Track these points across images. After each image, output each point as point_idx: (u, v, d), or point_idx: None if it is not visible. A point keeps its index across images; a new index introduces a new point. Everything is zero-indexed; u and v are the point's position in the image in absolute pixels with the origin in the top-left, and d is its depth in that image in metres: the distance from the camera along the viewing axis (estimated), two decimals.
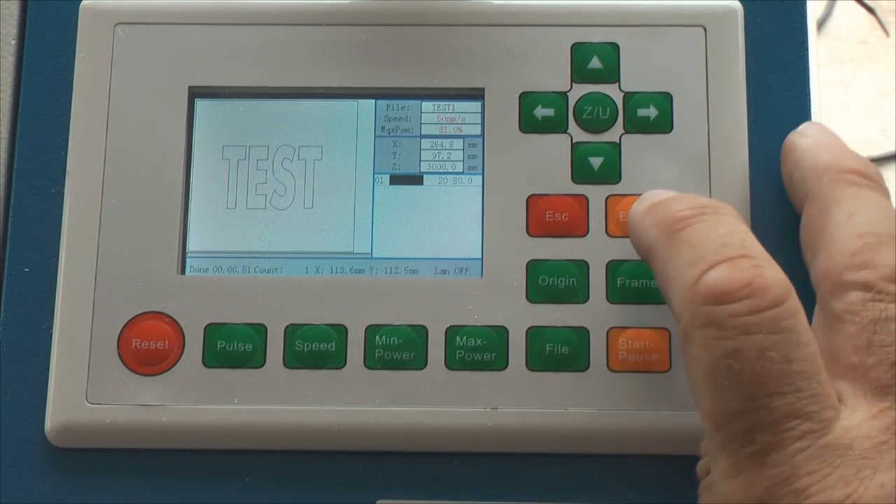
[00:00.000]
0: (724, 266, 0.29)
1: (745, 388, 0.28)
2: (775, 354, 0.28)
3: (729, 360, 0.28)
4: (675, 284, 0.30)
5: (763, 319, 0.28)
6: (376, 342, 0.36)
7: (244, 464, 0.36)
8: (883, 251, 0.30)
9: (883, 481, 0.27)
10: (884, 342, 0.29)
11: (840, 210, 0.32)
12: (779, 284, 0.29)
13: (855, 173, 0.33)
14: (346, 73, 0.38)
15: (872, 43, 1.24)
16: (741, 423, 0.28)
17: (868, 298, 0.30)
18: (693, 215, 0.31)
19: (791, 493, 0.27)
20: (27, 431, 0.37)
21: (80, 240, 0.37)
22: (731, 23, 0.38)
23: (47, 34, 0.39)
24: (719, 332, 0.28)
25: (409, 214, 0.37)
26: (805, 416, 0.27)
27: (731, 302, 0.28)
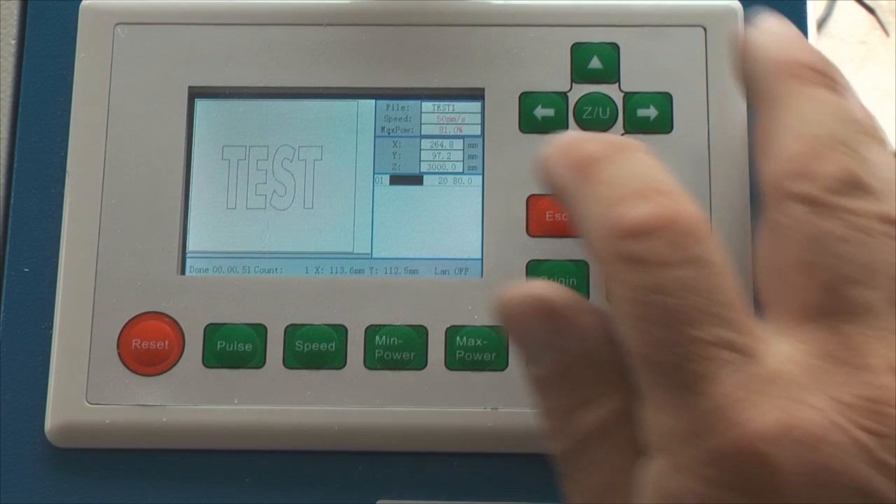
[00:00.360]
0: (639, 202, 0.28)
1: (670, 321, 0.27)
2: (697, 285, 0.27)
3: (653, 293, 0.27)
4: (591, 224, 0.29)
5: (682, 253, 0.27)
6: (376, 342, 0.36)
7: (244, 464, 0.36)
8: (827, 157, 0.29)
9: (817, 405, 0.26)
10: (821, 263, 0.28)
11: (785, 110, 0.30)
12: (694, 218, 0.28)
13: (808, 69, 0.31)
14: (346, 73, 0.38)
15: (872, 43, 1.24)
16: (669, 356, 0.27)
17: (807, 211, 0.28)
18: (605, 156, 0.30)
19: (724, 420, 0.26)
20: (27, 431, 0.37)
21: (80, 240, 0.37)
22: (731, 23, 0.38)
23: (47, 34, 0.39)
24: (640, 266, 0.28)
25: (409, 214, 0.37)
26: (732, 346, 0.27)
27: (645, 235, 0.28)
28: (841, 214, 0.28)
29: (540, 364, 0.30)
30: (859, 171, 0.29)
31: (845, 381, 0.27)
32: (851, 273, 0.28)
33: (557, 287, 0.30)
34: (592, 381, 0.30)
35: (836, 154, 0.29)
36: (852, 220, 0.28)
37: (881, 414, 0.26)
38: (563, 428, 0.30)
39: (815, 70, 0.31)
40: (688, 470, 0.27)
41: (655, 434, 0.28)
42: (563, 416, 0.30)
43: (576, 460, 0.30)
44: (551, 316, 0.30)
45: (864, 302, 0.28)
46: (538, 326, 0.30)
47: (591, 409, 0.30)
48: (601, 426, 0.30)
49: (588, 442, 0.30)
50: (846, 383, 0.27)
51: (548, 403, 0.30)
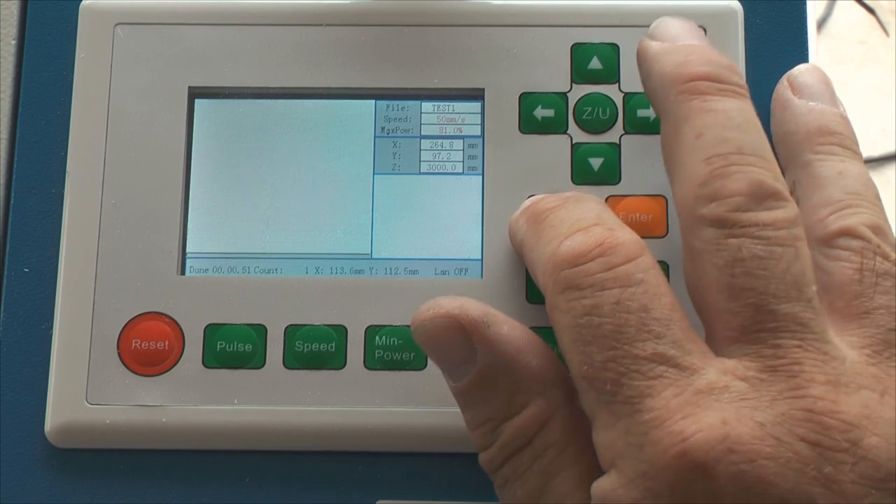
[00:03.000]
0: (577, 234, 0.30)
1: (607, 340, 0.28)
2: (632, 304, 0.28)
3: (588, 316, 0.28)
4: (538, 264, 0.31)
5: (617, 274, 0.28)
6: (376, 343, 0.36)
7: (244, 464, 0.36)
8: (732, 175, 0.29)
9: (762, 419, 0.27)
10: (743, 284, 0.28)
11: (688, 129, 0.31)
12: (630, 242, 0.29)
13: (702, 79, 0.31)
14: (346, 74, 0.38)
15: (872, 43, 1.24)
16: (609, 374, 0.28)
17: (722, 235, 0.29)
18: (557, 205, 0.32)
19: (668, 435, 0.27)
20: (27, 431, 0.37)
21: (80, 240, 0.37)
22: (731, 23, 0.38)
23: (47, 34, 0.39)
24: (577, 292, 0.29)
25: (408, 215, 0.37)
26: (669, 362, 0.28)
27: (584, 263, 0.29)
28: (753, 231, 0.29)
29: (457, 378, 0.31)
30: (766, 179, 0.29)
31: (784, 394, 0.27)
32: (773, 290, 0.28)
33: (465, 301, 0.31)
34: (509, 391, 0.30)
35: (741, 167, 0.29)
36: (766, 233, 0.28)
37: (821, 425, 0.27)
38: (487, 438, 0.31)
39: (708, 79, 0.31)
40: (632, 484, 0.27)
41: (602, 451, 0.28)
42: (486, 426, 0.31)
43: (502, 468, 0.31)
44: (462, 332, 0.31)
45: (792, 315, 0.28)
46: (451, 343, 0.31)
47: (511, 418, 0.30)
48: (522, 433, 0.30)
49: (511, 449, 0.30)
50: (785, 396, 0.27)
51: (470, 415, 0.31)
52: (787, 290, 0.28)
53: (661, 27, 0.34)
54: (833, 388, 0.27)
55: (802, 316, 0.28)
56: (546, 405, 0.30)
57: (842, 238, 0.31)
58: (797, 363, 0.27)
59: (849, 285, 0.30)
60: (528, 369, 0.30)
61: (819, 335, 0.28)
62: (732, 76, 0.32)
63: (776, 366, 0.28)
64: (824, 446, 0.26)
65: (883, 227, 0.31)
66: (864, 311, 0.30)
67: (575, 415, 0.30)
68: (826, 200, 0.32)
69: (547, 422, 0.30)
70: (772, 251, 0.28)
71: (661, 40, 0.33)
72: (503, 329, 0.31)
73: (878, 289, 0.30)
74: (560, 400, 0.30)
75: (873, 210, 0.32)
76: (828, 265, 0.31)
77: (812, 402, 0.27)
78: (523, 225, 0.33)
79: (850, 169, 0.33)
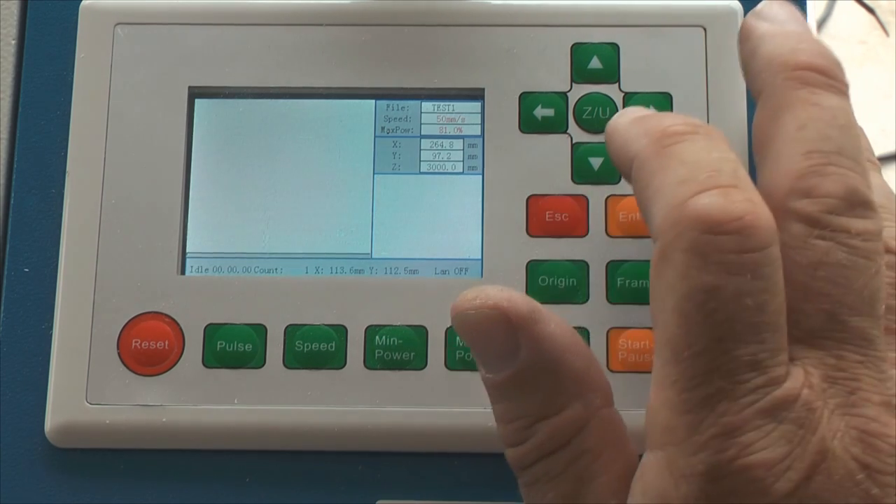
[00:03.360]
0: (716, 192, 0.27)
1: (715, 329, 0.27)
2: (751, 301, 0.27)
3: (705, 294, 0.27)
4: (661, 200, 0.28)
5: (747, 261, 0.27)
6: (376, 342, 0.36)
7: (244, 464, 0.36)
8: (830, 175, 0.28)
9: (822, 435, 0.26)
10: (822, 289, 0.28)
11: (791, 119, 0.29)
12: (768, 227, 0.27)
13: (813, 70, 0.30)
14: (346, 73, 0.38)
15: (872, 43, 1.24)
16: (701, 363, 0.27)
17: (810, 234, 0.28)
18: (687, 132, 0.29)
19: (735, 445, 0.26)
20: (27, 431, 0.37)
21: (80, 240, 0.37)
22: (731, 23, 0.38)
23: (47, 34, 0.39)
24: (702, 262, 0.27)
25: (408, 215, 0.37)
26: (762, 370, 0.27)
27: (719, 233, 0.27)
28: (842, 238, 0.28)
29: (495, 370, 0.30)
30: (862, 188, 0.28)
31: (841, 409, 0.27)
32: (850, 301, 0.28)
33: (513, 294, 0.30)
34: (550, 390, 0.29)
35: (840, 169, 0.28)
36: (853, 242, 0.28)
37: (873, 447, 0.26)
38: (520, 434, 0.30)
39: (819, 71, 0.30)
40: (681, 475, 0.27)
41: (658, 427, 0.28)
42: (519, 422, 0.30)
43: (533, 467, 0.30)
44: (508, 325, 0.29)
45: (861, 329, 0.28)
46: (495, 336, 0.29)
47: (548, 418, 0.29)
48: (560, 434, 0.29)
49: (546, 450, 0.29)
50: (842, 412, 0.27)
51: (503, 409, 0.30)
52: (862, 304, 0.28)
53: (771, 8, 0.32)
54: (886, 410, 0.27)
55: (870, 332, 0.28)
56: (584, 409, 0.29)
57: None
58: (856, 379, 0.27)
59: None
60: (571, 371, 0.29)
61: (881, 354, 0.28)
62: (840, 72, 0.31)
63: (836, 377, 0.27)
64: (874, 469, 0.26)
65: None
66: None
67: (612, 420, 0.30)
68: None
69: (584, 426, 0.29)
70: (856, 262, 0.28)
71: (770, 22, 0.32)
72: (550, 327, 0.29)
73: None
74: (598, 405, 0.30)
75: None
76: None
77: (865, 422, 0.27)
78: (640, 139, 0.30)
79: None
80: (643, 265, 0.35)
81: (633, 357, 0.36)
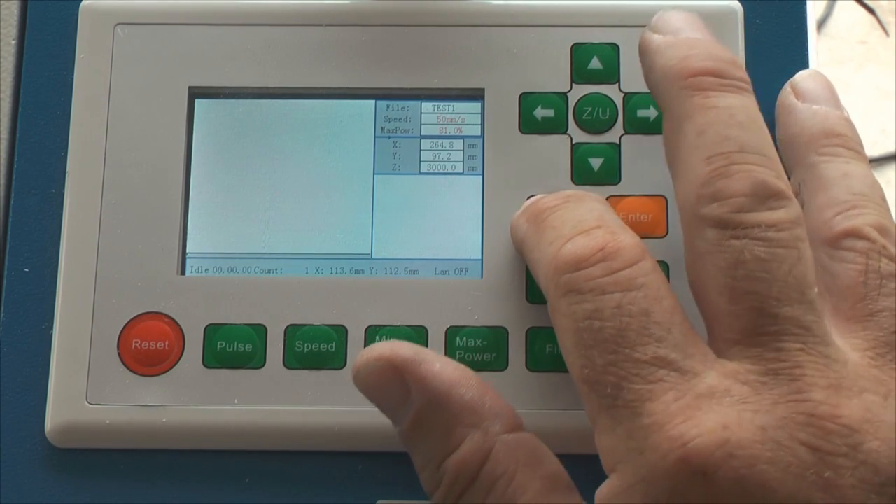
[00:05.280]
0: (579, 237, 0.30)
1: (608, 344, 0.28)
2: (633, 308, 0.28)
3: (590, 320, 0.28)
4: (540, 265, 0.31)
5: (618, 279, 0.28)
6: (377, 343, 0.36)
7: (244, 464, 0.36)
8: (734, 175, 0.29)
9: (763, 423, 0.27)
10: (745, 287, 0.28)
11: (690, 127, 0.30)
12: (631, 247, 0.29)
13: (706, 74, 0.31)
14: (346, 74, 0.38)
15: (872, 43, 1.24)
16: (609, 377, 0.28)
17: (725, 237, 0.29)
18: (558, 204, 0.32)
19: (668, 439, 0.27)
20: (27, 431, 0.37)
21: (80, 240, 0.37)
22: (731, 23, 0.38)
23: (47, 34, 0.39)
24: (578, 296, 0.29)
25: (408, 215, 0.37)
26: (670, 366, 0.27)
27: (586, 267, 0.29)
28: (756, 233, 0.28)
29: (399, 421, 0.31)
30: (769, 178, 0.29)
31: (786, 397, 0.27)
32: (775, 293, 0.28)
33: (397, 343, 0.31)
34: (445, 427, 0.30)
35: (744, 166, 0.29)
36: (768, 234, 0.28)
37: (822, 430, 0.27)
38: (433, 480, 0.30)
39: (712, 74, 0.31)
40: (633, 489, 0.27)
41: (604, 456, 0.28)
42: (430, 467, 0.31)
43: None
44: (396, 372, 0.31)
45: (794, 318, 0.28)
46: (388, 385, 0.31)
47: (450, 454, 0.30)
48: (465, 468, 0.30)
49: (459, 487, 0.30)
50: (786, 399, 0.27)
51: (415, 459, 0.31)
52: (790, 293, 0.28)
53: (663, 20, 0.33)
54: (835, 392, 0.27)
55: (804, 319, 0.28)
56: (484, 437, 0.30)
57: (847, 239, 0.31)
58: (799, 367, 0.27)
59: (853, 287, 0.30)
60: (462, 403, 0.30)
61: (821, 338, 0.28)
62: (735, 71, 0.31)
63: (778, 369, 0.27)
64: (824, 451, 0.26)
65: (888, 227, 0.31)
66: (868, 314, 0.30)
67: (519, 442, 0.30)
68: (831, 201, 0.32)
69: (488, 454, 0.30)
70: (774, 253, 0.28)
71: (663, 33, 0.33)
72: (435, 366, 0.31)
73: (883, 291, 0.30)
74: (499, 429, 0.30)
75: (879, 211, 0.32)
76: (833, 267, 0.31)
77: (813, 406, 0.27)
78: (524, 224, 0.33)
79: (854, 170, 0.33)
80: None
81: None
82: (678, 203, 0.30)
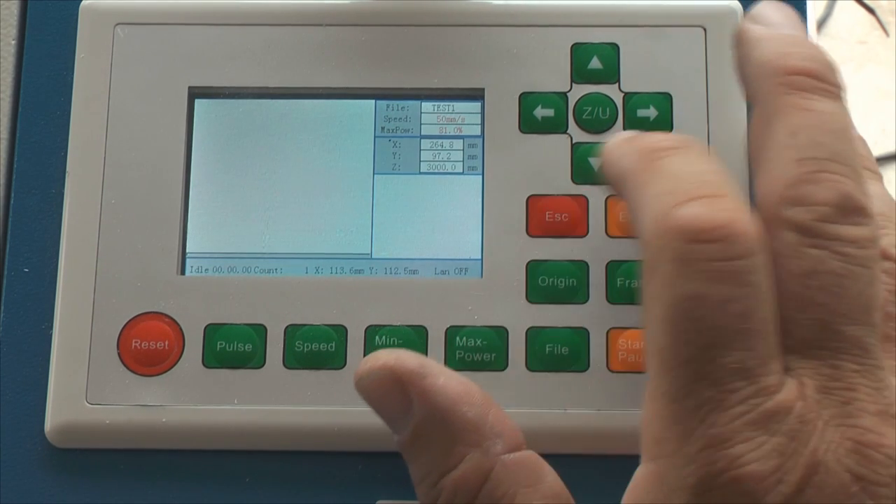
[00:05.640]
0: (700, 202, 0.27)
1: (700, 337, 0.26)
2: (736, 308, 0.27)
3: (690, 303, 0.27)
4: (647, 212, 0.28)
5: (732, 269, 0.27)
6: (376, 343, 0.36)
7: (244, 464, 0.36)
8: (822, 182, 0.28)
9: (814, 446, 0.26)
10: (815, 298, 0.27)
11: (782, 125, 0.29)
12: (753, 235, 0.27)
13: (805, 74, 0.30)
14: (346, 74, 0.38)
15: (872, 43, 1.24)
16: (689, 373, 0.27)
17: (803, 243, 0.28)
18: (675, 146, 0.29)
19: (724, 457, 0.26)
20: (27, 431, 0.37)
21: (80, 240, 0.37)
22: (731, 23, 0.38)
23: (47, 34, 0.39)
24: (686, 271, 0.27)
25: (408, 215, 0.37)
26: (751, 379, 0.27)
27: (702, 242, 0.27)
28: (835, 246, 0.28)
29: (399, 431, 0.31)
30: (856, 194, 0.28)
31: (836, 420, 0.27)
32: (844, 309, 0.27)
33: (402, 353, 0.31)
34: (446, 444, 0.30)
35: (833, 176, 0.28)
36: (847, 250, 0.28)
37: (867, 458, 0.26)
38: (430, 495, 0.30)
39: (811, 75, 0.30)
40: (672, 488, 0.27)
41: (649, 439, 0.28)
42: (427, 481, 0.30)
43: None
44: (399, 383, 0.30)
45: (857, 338, 0.27)
46: (390, 395, 0.30)
47: (449, 472, 0.30)
48: (463, 488, 0.29)
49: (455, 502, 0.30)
50: (837, 423, 0.27)
51: (413, 471, 0.31)
52: (857, 313, 0.27)
53: (764, 12, 0.32)
54: (882, 420, 0.27)
55: (866, 341, 0.27)
56: (484, 458, 0.29)
57: None
58: (851, 388, 0.27)
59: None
60: (464, 421, 0.30)
61: (877, 363, 0.27)
62: (833, 76, 0.30)
63: (831, 388, 0.27)
64: (868, 480, 0.26)
65: None
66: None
67: (520, 463, 0.30)
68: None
69: (488, 474, 0.29)
70: (850, 270, 0.27)
71: (763, 25, 0.31)
72: (439, 380, 0.30)
73: None
74: (500, 449, 0.30)
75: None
76: None
77: (861, 433, 0.26)
78: (630, 157, 0.30)
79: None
80: None
81: (632, 357, 0.36)
82: (757, 197, 0.29)
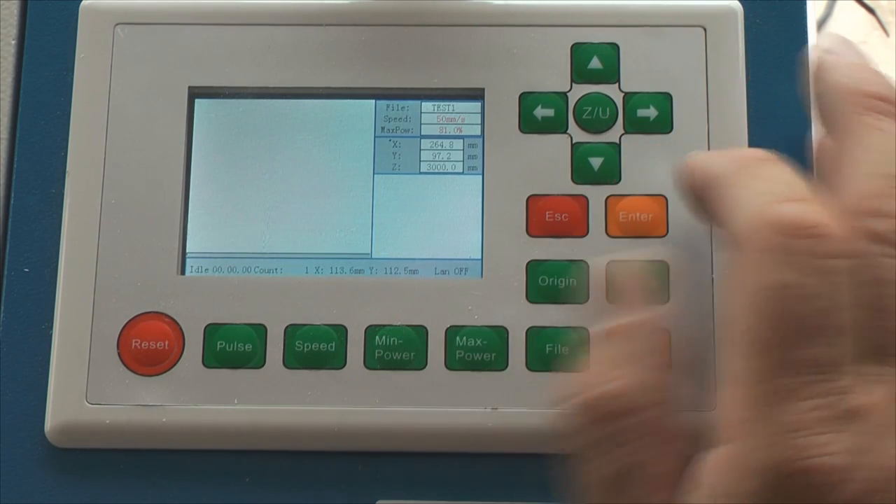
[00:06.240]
0: (797, 202, 0.29)
1: (784, 325, 0.27)
2: (821, 304, 0.28)
3: (779, 291, 0.28)
4: (741, 208, 0.30)
5: (821, 266, 0.28)
6: (376, 342, 0.36)
7: (244, 464, 0.36)
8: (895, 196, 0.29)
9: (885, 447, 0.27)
10: (889, 307, 0.28)
11: (856, 144, 0.31)
12: (842, 239, 0.28)
13: (878, 98, 0.32)
14: (346, 73, 0.38)
15: (872, 43, 1.24)
16: (768, 359, 0.27)
17: (878, 253, 0.29)
18: (767, 157, 0.31)
19: (796, 446, 0.27)
20: (27, 431, 0.37)
21: (80, 240, 0.37)
22: (731, 23, 0.38)
23: (47, 34, 0.39)
24: (777, 261, 0.28)
25: (408, 215, 0.37)
26: (827, 375, 0.27)
27: (796, 237, 0.28)
28: None
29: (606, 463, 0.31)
30: None
31: None
32: None
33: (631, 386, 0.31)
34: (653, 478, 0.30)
35: None
36: None
37: None
38: None
39: (885, 100, 0.32)
40: (746, 471, 0.27)
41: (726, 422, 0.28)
42: None
43: None
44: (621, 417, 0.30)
45: None
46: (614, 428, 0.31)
47: None
48: None
49: None
50: None
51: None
52: None
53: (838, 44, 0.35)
54: None
55: None
56: None
57: None
58: None
59: None
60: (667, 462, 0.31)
61: None
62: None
63: None
64: None
65: None
66: None
67: None
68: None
69: None
70: None
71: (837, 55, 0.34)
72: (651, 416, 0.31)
73: None
74: None
75: None
76: None
77: None
78: (723, 161, 0.32)
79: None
80: None
81: None
82: None
